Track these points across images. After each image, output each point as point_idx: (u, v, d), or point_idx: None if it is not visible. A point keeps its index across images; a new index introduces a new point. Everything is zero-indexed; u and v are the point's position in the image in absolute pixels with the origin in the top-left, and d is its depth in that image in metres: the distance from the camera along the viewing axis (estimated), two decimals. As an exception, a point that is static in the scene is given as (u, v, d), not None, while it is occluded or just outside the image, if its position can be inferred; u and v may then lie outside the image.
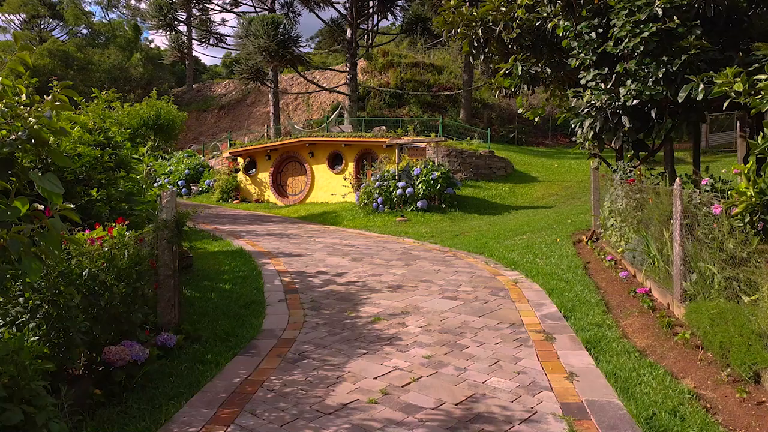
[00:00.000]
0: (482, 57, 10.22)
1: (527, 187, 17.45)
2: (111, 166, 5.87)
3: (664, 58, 7.13)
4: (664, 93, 7.10)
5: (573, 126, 9.37)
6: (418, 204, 14.53)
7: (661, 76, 7.01)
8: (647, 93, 7.01)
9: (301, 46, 21.43)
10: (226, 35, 31.99)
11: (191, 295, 6.60)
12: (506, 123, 32.08)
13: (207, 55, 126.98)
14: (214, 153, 25.59)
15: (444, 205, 14.71)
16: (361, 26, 29.35)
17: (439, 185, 14.55)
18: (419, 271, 7.91)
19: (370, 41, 29.89)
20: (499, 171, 18.13)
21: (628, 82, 7.16)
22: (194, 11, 33.34)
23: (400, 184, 14.79)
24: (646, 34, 6.89)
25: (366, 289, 6.95)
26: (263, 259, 9.10)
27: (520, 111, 10.23)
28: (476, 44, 9.46)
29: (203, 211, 17.65)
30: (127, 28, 55.03)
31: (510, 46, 9.51)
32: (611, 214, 8.64)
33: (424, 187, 14.62)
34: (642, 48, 6.93)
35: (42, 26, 57.01)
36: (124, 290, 4.08)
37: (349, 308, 6.06)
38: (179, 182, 23.18)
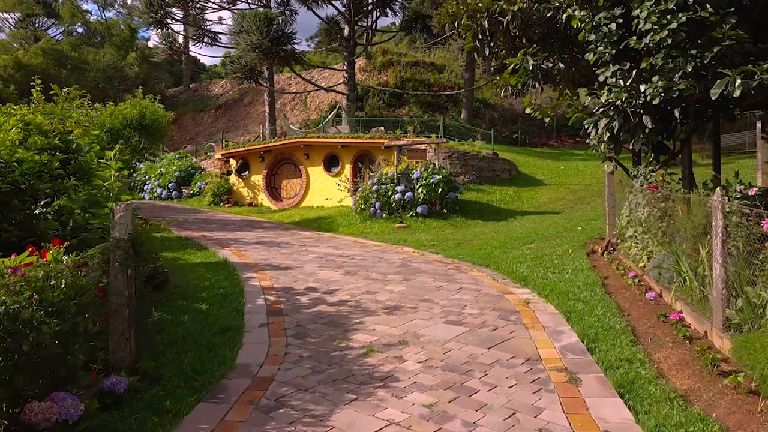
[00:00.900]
0: (487, 51, 9.50)
1: (533, 190, 16.72)
2: (61, 173, 5.13)
3: (693, 52, 6.41)
4: (694, 89, 6.36)
5: (586, 127, 8.64)
6: (418, 209, 13.80)
7: (690, 70, 6.27)
8: (675, 90, 6.27)
9: (296, 43, 20.72)
10: (222, 33, 31.14)
11: (161, 319, 5.87)
12: (509, 123, 31.36)
13: (206, 56, 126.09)
14: (208, 154, 24.87)
15: (445, 211, 13.98)
16: (359, 23, 28.62)
17: (440, 189, 13.82)
18: (419, 288, 7.17)
19: (368, 39, 29.16)
20: (503, 174, 17.40)
21: (654, 78, 6.42)
22: (191, 10, 32.65)
23: (399, 188, 14.07)
24: (674, 24, 6.16)
25: (359, 310, 6.21)
26: (248, 272, 8.36)
27: (528, 111, 9.49)
28: (481, 37, 8.74)
29: (191, 216, 16.93)
30: (123, 27, 54.37)
31: (518, 40, 8.79)
32: (630, 224, 7.91)
33: (424, 192, 13.89)
34: (670, 41, 6.20)
35: (37, 25, 56.46)
36: (58, 328, 3.35)
37: (339, 336, 5.32)
38: (170, 185, 22.46)
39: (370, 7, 27.20)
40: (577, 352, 4.69)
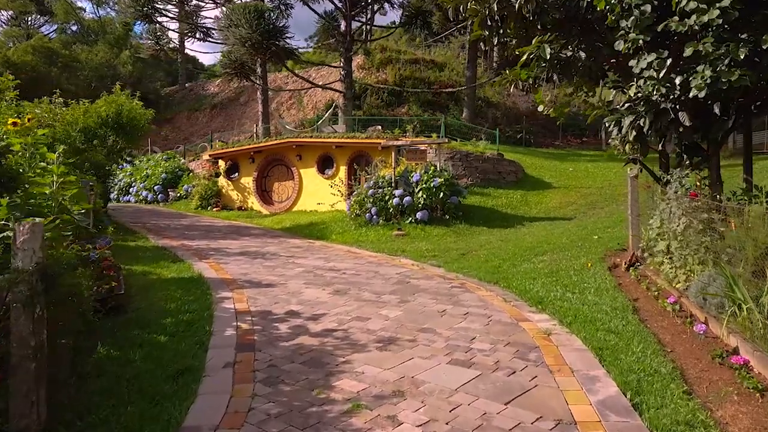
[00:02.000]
0: (496, 40, 8.52)
1: (541, 194, 15.73)
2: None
3: (744, 36, 5.44)
4: (746, 80, 5.38)
5: (607, 125, 7.68)
6: (418, 215, 12.82)
7: (742, 57, 5.29)
8: (725, 81, 5.29)
9: (289, 38, 19.77)
10: (216, 29, 30.01)
11: (107, 356, 4.89)
12: (512, 122, 30.40)
13: (205, 52, 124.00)
14: (199, 154, 23.87)
15: (447, 217, 13.00)
16: (357, 18, 27.68)
17: (441, 193, 12.85)
18: (419, 313, 6.19)
19: (367, 35, 28.21)
20: (509, 176, 16.41)
21: (700, 67, 5.43)
22: (186, 6, 31.62)
23: (397, 192, 13.09)
24: (726, 2, 5.18)
25: (347, 343, 5.23)
26: (224, 291, 7.39)
27: (540, 109, 8.50)
28: (490, 24, 7.77)
29: (175, 221, 15.95)
30: (117, 25, 53.38)
31: (531, 27, 7.81)
32: (661, 237, 6.94)
33: (424, 196, 12.91)
34: (720, 21, 5.22)
35: (30, 23, 55.64)
36: None
37: (320, 382, 4.34)
38: (155, 187, 21.50)
39: (368, 1, 26.27)
40: (620, 411, 3.71)
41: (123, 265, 9.28)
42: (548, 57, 7.13)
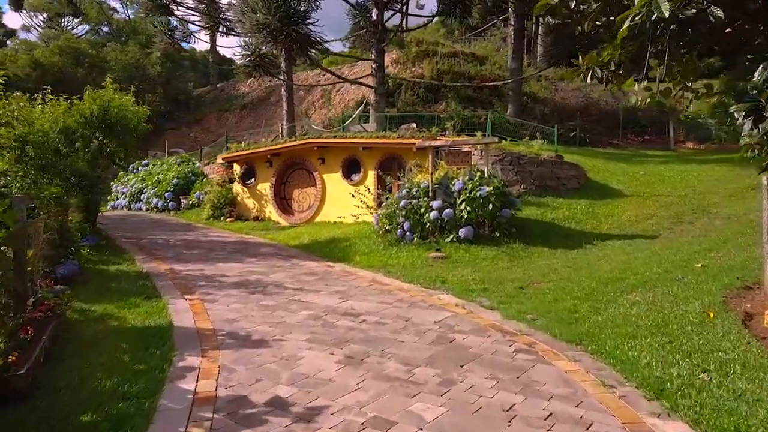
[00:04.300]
0: (573, 3, 6.27)
1: (610, 204, 13.28)
2: None
3: None
4: None
5: (737, 117, 5.35)
6: (461, 232, 10.62)
7: None
8: None
9: (312, 23, 17.77)
10: (233, 18, 28.06)
11: None
12: (563, 120, 27.76)
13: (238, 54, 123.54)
14: (213, 158, 22.17)
15: (498, 234, 10.75)
16: (390, 7, 25.57)
17: (491, 205, 10.61)
18: (472, 413, 4.03)
19: (401, 25, 26.03)
20: (570, 182, 14.01)
21: None
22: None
23: (434, 204, 10.92)
24: None
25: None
26: (192, 354, 5.37)
27: (634, 101, 6.21)
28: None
29: (177, 235, 14.13)
30: (149, 26, 52.83)
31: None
32: None
33: (468, 208, 10.70)
34: None
35: (64, 24, 55.98)
36: None
37: None
38: (166, 194, 19.86)
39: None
40: None
41: (83, 303, 7.41)
42: (667, 15, 4.84)
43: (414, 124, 17.93)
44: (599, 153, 20.95)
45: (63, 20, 56.61)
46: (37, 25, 57.52)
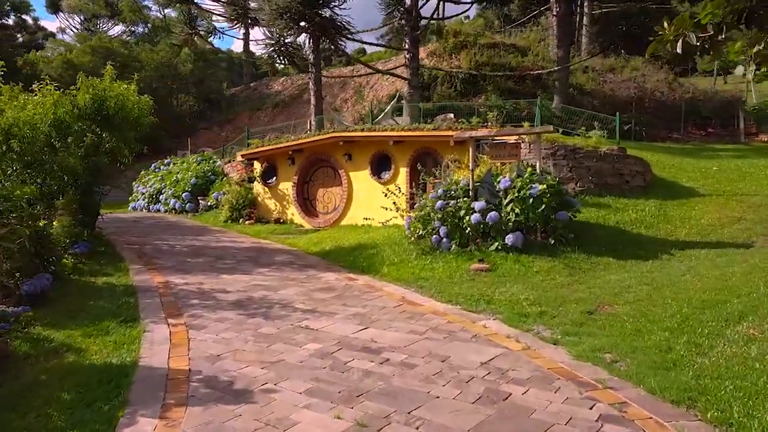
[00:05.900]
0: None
1: (685, 205, 11.42)
2: None
3: None
4: None
5: None
6: (508, 239, 9.01)
7: None
8: None
9: (337, 6, 16.36)
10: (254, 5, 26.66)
11: None
12: (614, 113, 25.67)
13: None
14: (233, 155, 21.01)
15: (553, 241, 9.10)
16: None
17: (544, 207, 8.97)
18: None
19: (436, 10, 24.46)
20: (635, 179, 12.17)
21: None
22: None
23: (476, 205, 9.34)
24: None
25: None
26: (145, 414, 3.99)
27: (750, 69, 4.56)
28: None
29: (187, 240, 12.90)
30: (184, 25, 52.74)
31: None
32: None
33: (517, 210, 9.09)
34: None
35: (100, 26, 56.53)
36: None
37: None
38: (184, 194, 18.78)
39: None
40: None
41: (44, 328, 6.14)
42: None
43: (451, 115, 16.34)
44: (659, 147, 18.94)
45: (99, 21, 57.11)
46: (74, 27, 58.21)
